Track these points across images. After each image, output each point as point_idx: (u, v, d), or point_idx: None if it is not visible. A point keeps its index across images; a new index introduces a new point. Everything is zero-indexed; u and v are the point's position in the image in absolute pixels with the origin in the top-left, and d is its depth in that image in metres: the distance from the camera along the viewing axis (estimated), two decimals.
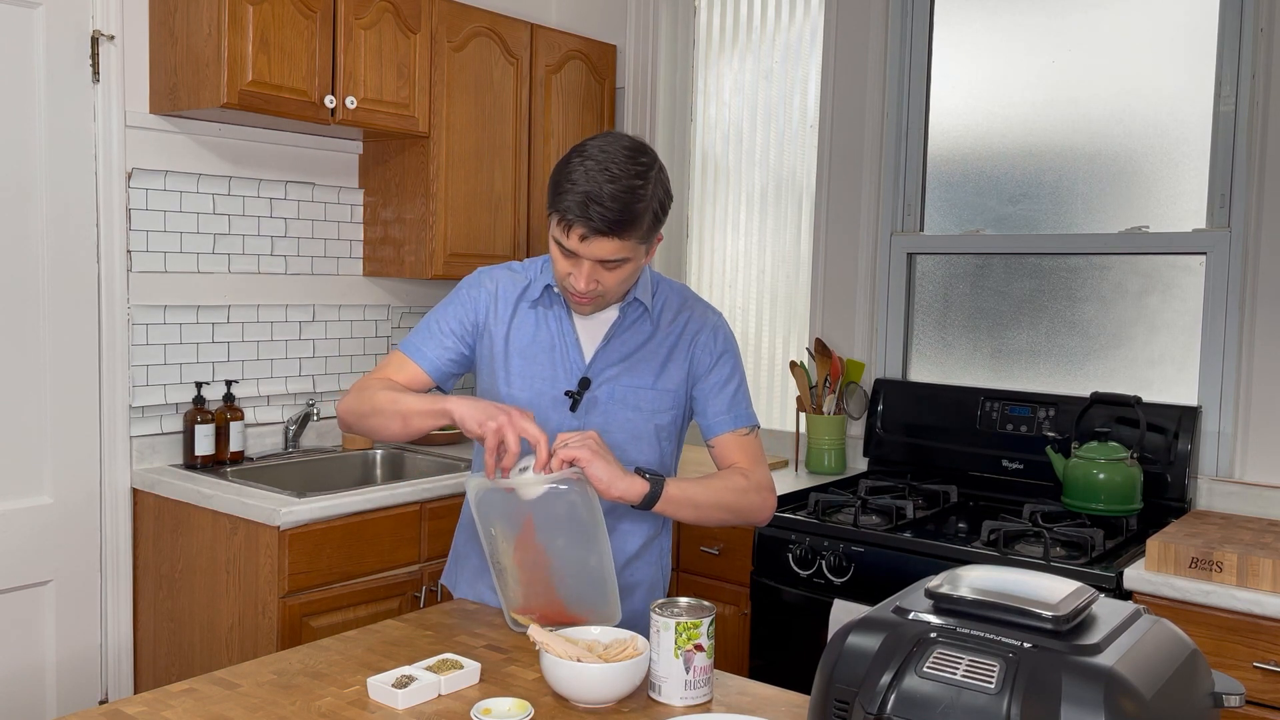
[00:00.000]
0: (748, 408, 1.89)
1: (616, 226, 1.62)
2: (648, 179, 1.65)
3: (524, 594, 1.69)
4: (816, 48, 3.40)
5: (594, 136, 1.70)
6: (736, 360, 1.90)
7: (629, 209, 1.62)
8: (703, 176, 3.70)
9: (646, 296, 1.83)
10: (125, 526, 2.86)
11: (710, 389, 1.86)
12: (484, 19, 3.28)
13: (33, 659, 2.72)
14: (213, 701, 1.47)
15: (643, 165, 1.65)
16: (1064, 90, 2.98)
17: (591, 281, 1.69)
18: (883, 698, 1.11)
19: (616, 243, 1.64)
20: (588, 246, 1.65)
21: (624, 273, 1.70)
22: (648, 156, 1.67)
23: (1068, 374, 2.98)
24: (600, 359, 1.82)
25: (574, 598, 1.67)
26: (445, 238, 3.20)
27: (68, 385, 2.75)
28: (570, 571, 1.66)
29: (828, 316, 3.35)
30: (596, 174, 1.62)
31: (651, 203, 1.65)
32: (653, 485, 1.66)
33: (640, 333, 1.84)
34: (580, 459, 1.59)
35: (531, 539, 1.64)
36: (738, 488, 1.81)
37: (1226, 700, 1.17)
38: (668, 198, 1.71)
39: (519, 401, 1.81)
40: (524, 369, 1.82)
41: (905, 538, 2.52)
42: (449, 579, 2.01)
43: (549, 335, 1.83)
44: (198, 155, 2.98)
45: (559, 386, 1.81)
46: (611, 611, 1.67)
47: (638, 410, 1.82)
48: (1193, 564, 2.19)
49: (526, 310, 1.84)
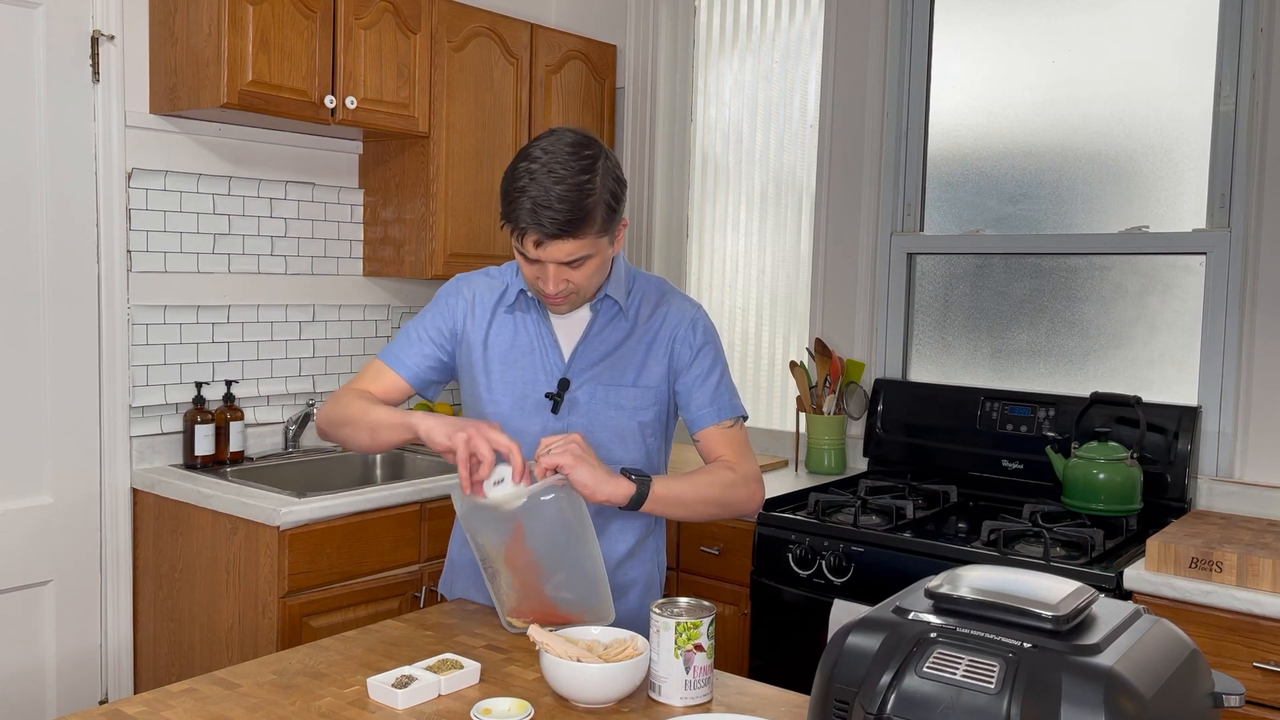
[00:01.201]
0: (731, 398, 1.87)
1: (569, 226, 1.61)
2: (594, 172, 1.63)
3: (517, 598, 1.69)
4: (816, 48, 3.40)
5: (539, 137, 1.68)
6: (717, 351, 1.88)
7: (578, 206, 1.61)
8: (703, 176, 3.70)
9: (620, 294, 1.82)
10: (125, 526, 2.86)
11: (692, 383, 1.85)
12: (484, 19, 3.28)
13: (33, 659, 2.72)
14: (213, 701, 1.47)
15: (587, 159, 1.63)
16: (1064, 90, 2.98)
17: (560, 282, 1.69)
18: (883, 698, 1.11)
19: (574, 242, 1.64)
20: (546, 251, 1.64)
21: (591, 267, 1.70)
22: (592, 149, 1.65)
23: (1068, 374, 2.98)
24: (579, 359, 1.81)
25: (567, 599, 1.67)
26: (445, 238, 3.20)
27: (68, 385, 2.75)
28: (562, 574, 1.65)
29: (828, 316, 3.35)
30: (542, 177, 1.61)
31: (602, 195, 1.64)
32: (639, 486, 1.66)
33: (618, 330, 1.83)
34: (563, 466, 1.59)
35: (521, 545, 1.64)
36: (725, 482, 1.80)
37: (1226, 700, 1.18)
38: (619, 185, 1.69)
39: (501, 406, 1.81)
40: (504, 374, 1.82)
41: (905, 538, 2.52)
42: (445, 587, 2.01)
43: (527, 339, 1.82)
44: (198, 155, 2.98)
45: (540, 389, 1.81)
46: (605, 610, 1.67)
47: (620, 409, 1.81)
48: (1193, 564, 2.19)
49: (504, 315, 1.84)
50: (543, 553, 1.64)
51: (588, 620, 1.66)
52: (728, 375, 1.89)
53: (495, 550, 1.66)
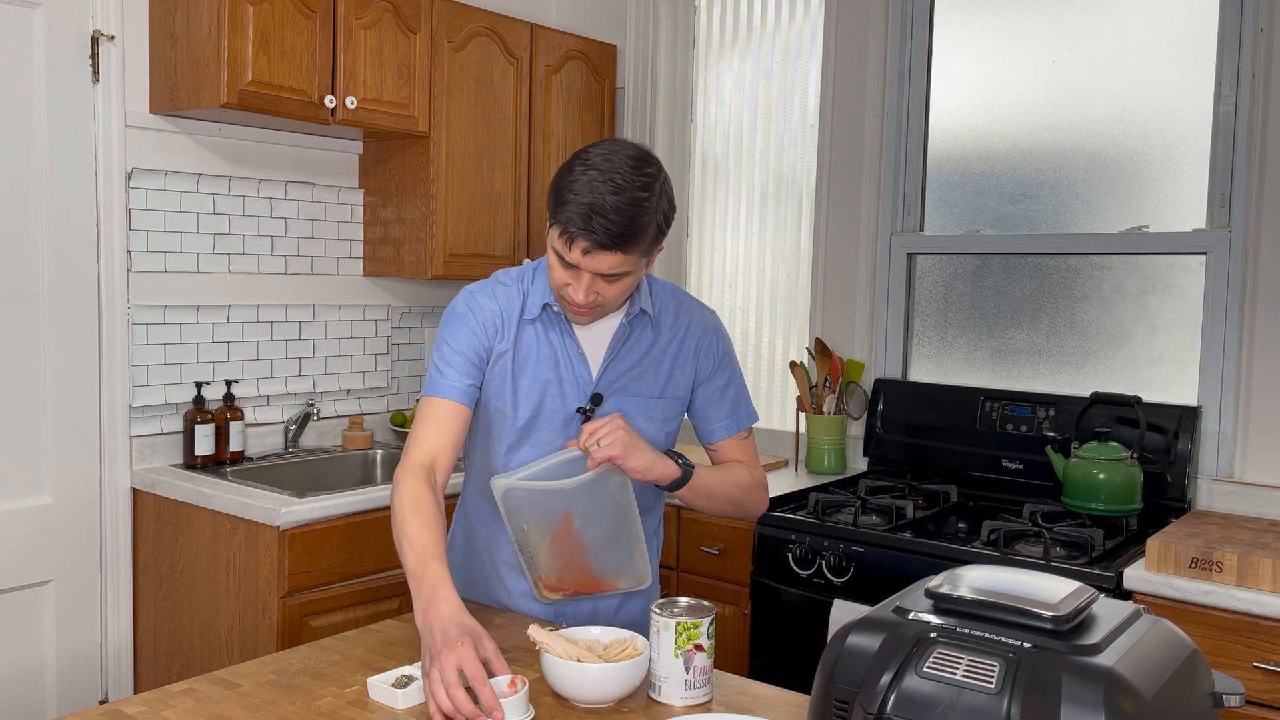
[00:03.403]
0: (747, 405, 1.90)
1: (620, 240, 1.57)
2: (653, 190, 1.59)
3: (558, 575, 1.74)
4: (816, 48, 3.40)
5: (597, 143, 1.64)
6: (735, 361, 1.90)
7: (633, 222, 1.57)
8: (703, 176, 3.70)
9: (649, 304, 1.79)
10: (125, 526, 2.86)
11: (713, 395, 1.86)
12: (484, 19, 3.28)
13: (33, 659, 2.72)
14: (213, 701, 1.47)
15: (648, 176, 1.60)
16: (1064, 90, 2.98)
17: (590, 294, 1.64)
18: (883, 698, 1.11)
19: (619, 257, 1.59)
20: (590, 260, 1.60)
21: (624, 285, 1.66)
22: (653, 167, 1.62)
23: (1068, 374, 2.98)
24: (609, 372, 1.78)
25: (607, 569, 1.73)
26: (445, 238, 3.20)
27: (68, 385, 2.75)
28: (605, 548, 1.71)
29: (828, 316, 3.35)
30: (600, 184, 1.56)
31: (655, 215, 1.60)
32: (684, 471, 1.71)
33: (643, 341, 1.80)
34: (617, 458, 1.60)
35: (569, 531, 1.67)
36: (745, 485, 1.85)
37: (1226, 700, 1.18)
38: (672, 209, 1.66)
39: (527, 420, 1.76)
40: (530, 389, 1.77)
41: (905, 538, 2.52)
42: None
43: (552, 352, 1.77)
44: (197, 155, 2.98)
45: (569, 404, 1.77)
46: (644, 572, 1.74)
47: (649, 420, 1.79)
48: (1193, 564, 2.19)
49: (526, 326, 1.78)
50: (590, 535, 1.69)
51: (624, 585, 1.75)
52: (743, 382, 1.91)
53: (540, 536, 1.68)
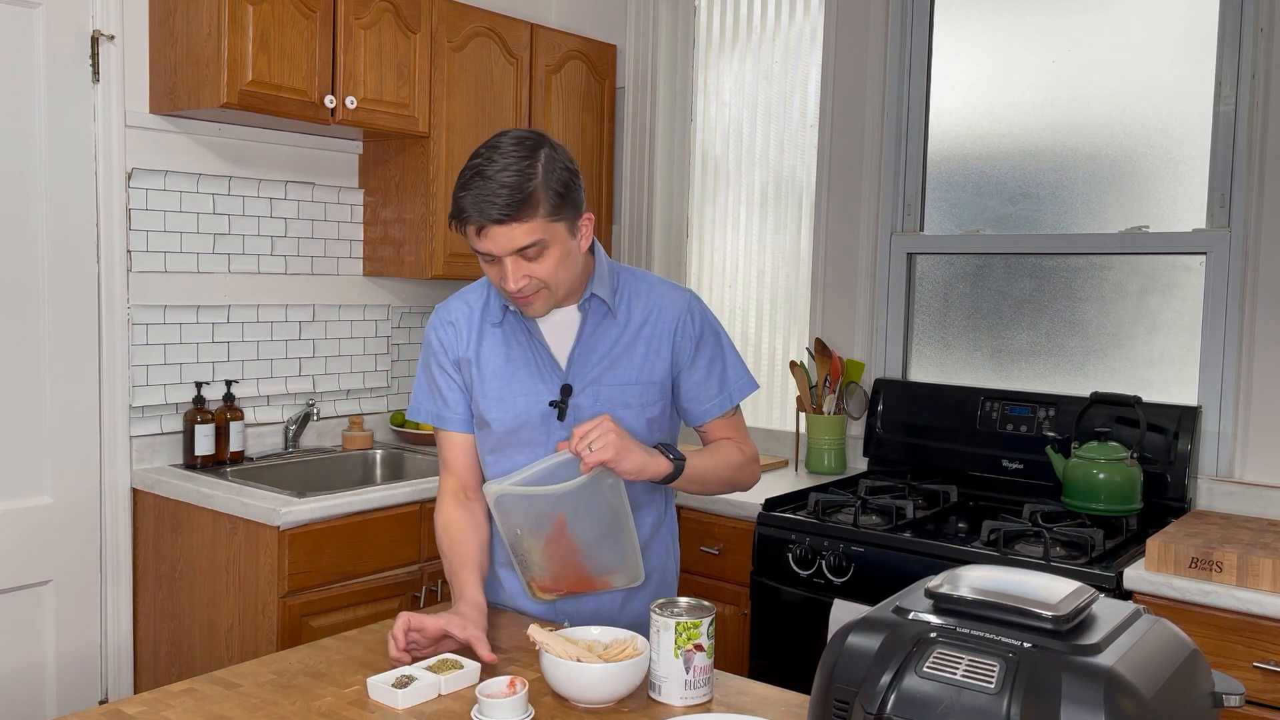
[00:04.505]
0: (741, 377, 1.89)
1: (511, 209, 1.61)
2: (535, 158, 1.63)
3: (552, 577, 1.74)
4: (816, 48, 3.40)
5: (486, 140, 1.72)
6: (718, 335, 1.89)
7: (519, 189, 1.61)
8: (703, 176, 3.70)
9: (605, 291, 1.80)
10: (125, 526, 2.86)
11: (699, 376, 1.85)
12: (484, 19, 3.28)
13: (33, 659, 2.72)
14: (213, 701, 1.47)
15: (527, 147, 1.64)
16: (1064, 90, 2.98)
17: (520, 277, 1.66)
18: (883, 698, 1.11)
19: (519, 226, 1.62)
20: (493, 240, 1.63)
21: (552, 259, 1.67)
22: (534, 139, 1.67)
23: (1068, 374, 2.98)
24: (577, 363, 1.80)
25: (601, 567, 1.74)
26: (445, 238, 3.20)
27: (68, 385, 2.75)
28: (598, 549, 1.71)
29: (828, 316, 3.35)
30: (483, 167, 1.62)
31: (547, 180, 1.63)
32: (675, 465, 1.73)
33: (610, 329, 1.82)
34: (609, 461, 1.62)
35: (563, 534, 1.68)
36: (736, 463, 1.87)
37: (1226, 700, 1.18)
38: (569, 174, 1.68)
39: (505, 422, 1.81)
40: (502, 389, 1.81)
41: (905, 538, 2.52)
42: None
43: (520, 351, 1.81)
44: (197, 155, 2.98)
45: (542, 400, 1.80)
46: (637, 570, 1.75)
47: (627, 408, 1.81)
48: (1193, 564, 2.19)
49: (493, 330, 1.83)
50: (584, 536, 1.69)
51: (618, 583, 1.75)
52: (733, 353, 1.90)
53: (534, 540, 1.70)
